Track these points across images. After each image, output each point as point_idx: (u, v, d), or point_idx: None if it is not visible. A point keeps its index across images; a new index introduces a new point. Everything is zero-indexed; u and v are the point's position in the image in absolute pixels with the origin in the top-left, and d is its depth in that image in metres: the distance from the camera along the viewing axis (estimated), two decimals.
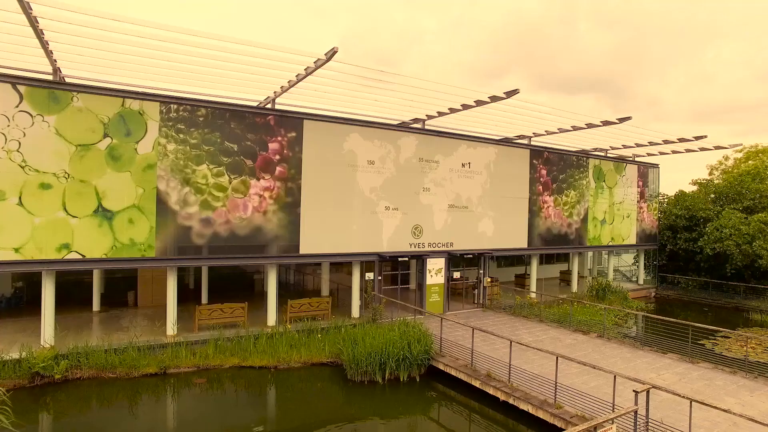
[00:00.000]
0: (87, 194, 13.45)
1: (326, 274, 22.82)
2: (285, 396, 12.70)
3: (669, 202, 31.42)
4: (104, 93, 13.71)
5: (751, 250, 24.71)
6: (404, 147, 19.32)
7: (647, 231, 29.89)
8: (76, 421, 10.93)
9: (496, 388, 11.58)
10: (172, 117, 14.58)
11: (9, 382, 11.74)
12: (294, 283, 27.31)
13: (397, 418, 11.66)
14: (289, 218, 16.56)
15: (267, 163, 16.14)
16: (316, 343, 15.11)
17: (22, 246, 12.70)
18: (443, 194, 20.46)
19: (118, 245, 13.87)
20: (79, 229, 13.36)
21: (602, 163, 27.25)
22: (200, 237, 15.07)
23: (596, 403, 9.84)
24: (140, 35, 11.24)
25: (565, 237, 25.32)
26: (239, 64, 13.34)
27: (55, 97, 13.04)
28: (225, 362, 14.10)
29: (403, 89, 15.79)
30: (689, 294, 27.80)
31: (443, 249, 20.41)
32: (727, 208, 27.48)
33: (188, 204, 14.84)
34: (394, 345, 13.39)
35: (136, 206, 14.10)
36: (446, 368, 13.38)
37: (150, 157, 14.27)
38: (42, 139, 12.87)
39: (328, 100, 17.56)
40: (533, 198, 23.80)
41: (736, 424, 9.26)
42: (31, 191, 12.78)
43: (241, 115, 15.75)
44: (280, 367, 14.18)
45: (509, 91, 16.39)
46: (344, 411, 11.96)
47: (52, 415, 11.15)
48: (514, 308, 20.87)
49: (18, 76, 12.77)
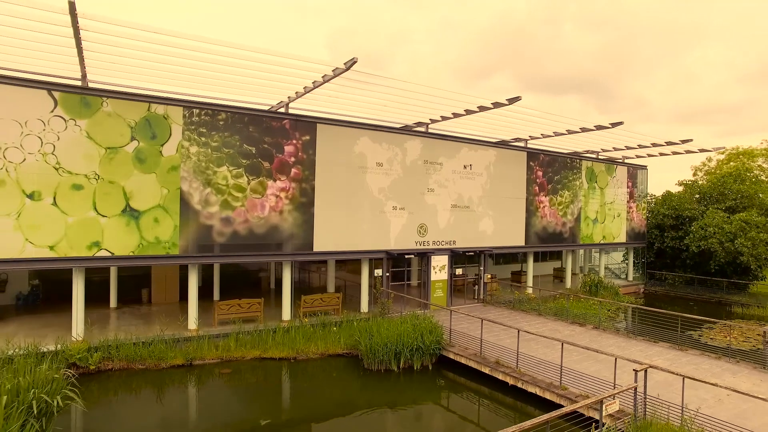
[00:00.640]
0: (115, 195, 14.14)
1: (332, 271, 23.63)
2: (307, 384, 13.54)
3: (657, 202, 32.86)
4: (131, 98, 14.40)
5: (733, 247, 26.17)
6: (410, 149, 20.26)
7: (636, 230, 31.27)
8: (123, 406, 11.64)
9: (505, 373, 12.58)
10: (194, 121, 15.31)
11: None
12: (298, 280, 28.06)
13: (415, 402, 12.59)
14: (303, 217, 17.39)
15: (283, 164, 16.95)
16: (331, 336, 15.95)
17: (56, 244, 13.35)
18: (446, 195, 21.45)
19: (144, 243, 14.57)
20: (108, 227, 14.04)
21: (594, 165, 28.52)
22: (221, 235, 15.83)
23: (598, 383, 10.89)
24: (165, 44, 11.84)
25: (560, 235, 26.52)
26: (259, 71, 14.05)
27: (86, 102, 13.70)
28: (246, 354, 14.88)
29: (409, 95, 16.63)
30: (676, 290, 29.23)
31: (447, 247, 21.41)
32: (710, 208, 28.97)
33: (209, 204, 15.59)
34: (408, 336, 14.33)
35: (161, 206, 14.81)
36: (457, 357, 14.35)
37: (174, 159, 14.99)
38: (74, 142, 13.52)
39: (339, 105, 18.39)
40: (530, 198, 24.92)
41: (721, 401, 10.36)
42: (65, 192, 13.43)
43: (258, 120, 16.53)
44: (299, 359, 15.01)
45: (512, 98, 17.40)
46: (364, 396, 12.84)
47: (99, 401, 11.79)
48: (513, 303, 21.95)
49: (53, 82, 13.39)
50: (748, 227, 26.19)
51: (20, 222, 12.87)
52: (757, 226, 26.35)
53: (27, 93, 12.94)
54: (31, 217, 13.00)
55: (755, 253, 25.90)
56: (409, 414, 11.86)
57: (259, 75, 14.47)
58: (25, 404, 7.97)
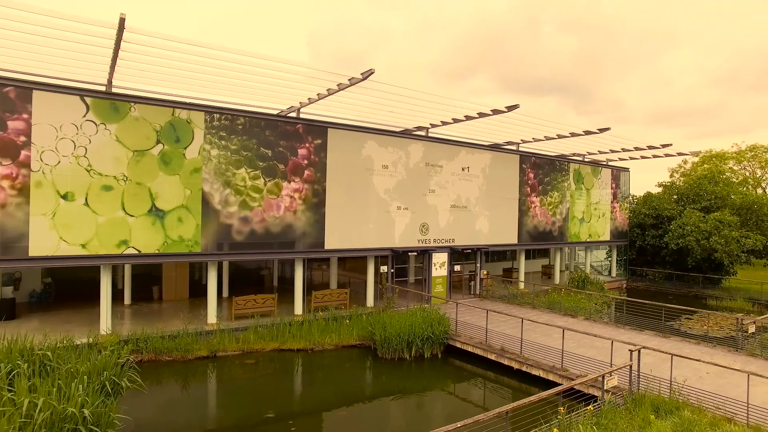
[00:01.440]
0: (142, 195, 14.87)
1: (335, 268, 24.58)
2: (326, 372, 14.54)
3: (638, 202, 34.77)
4: (157, 104, 15.15)
5: (708, 244, 28.11)
6: (413, 153, 21.39)
7: (619, 228, 33.09)
8: (171, 391, 12.46)
9: (510, 359, 13.83)
10: (215, 125, 16.13)
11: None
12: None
13: (428, 386, 13.72)
14: (315, 217, 18.35)
15: (296, 167, 17.88)
16: (344, 329, 16.96)
17: (87, 242, 14.03)
18: (446, 195, 22.67)
19: (168, 241, 15.34)
20: (135, 226, 14.77)
21: (581, 167, 30.15)
22: (239, 234, 16.68)
23: (595, 365, 12.21)
24: (188, 52, 12.52)
25: (550, 234, 28.04)
26: (277, 79, 14.82)
27: (115, 107, 14.41)
28: (266, 346, 15.79)
29: (412, 101, 17.65)
30: (656, 285, 31.11)
31: (446, 245, 22.62)
32: (688, 208, 30.93)
33: (229, 204, 16.42)
34: (419, 327, 15.46)
35: (184, 206, 15.59)
36: (463, 345, 15.55)
37: (196, 161, 15.79)
38: (104, 145, 14.22)
39: (345, 109, 19.34)
40: (522, 199, 26.34)
41: (701, 378, 11.78)
42: (96, 193, 14.12)
43: (274, 124, 17.42)
44: (316, 350, 15.98)
45: (510, 105, 18.67)
46: (380, 382, 13.93)
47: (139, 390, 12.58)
48: (509, 297, 23.30)
49: (85, 89, 14.07)
50: (722, 226, 28.17)
51: (55, 221, 13.53)
52: (730, 225, 28.36)
53: (62, 99, 13.60)
54: (65, 216, 13.67)
55: (728, 249, 27.89)
56: (425, 397, 13.00)
57: (277, 82, 15.28)
58: (100, 384, 8.80)
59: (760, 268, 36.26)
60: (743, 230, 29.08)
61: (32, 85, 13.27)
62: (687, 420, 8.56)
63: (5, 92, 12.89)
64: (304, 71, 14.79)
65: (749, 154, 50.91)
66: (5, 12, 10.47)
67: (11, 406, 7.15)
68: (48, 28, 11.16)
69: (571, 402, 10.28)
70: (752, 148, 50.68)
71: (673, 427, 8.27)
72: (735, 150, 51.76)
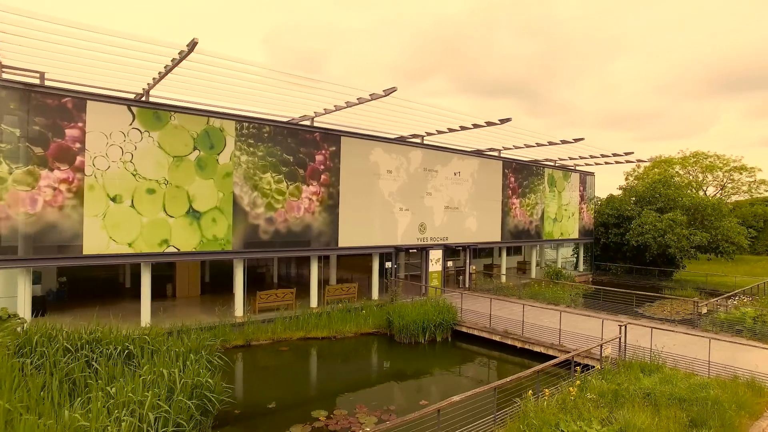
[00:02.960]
0: (180, 198, 16.08)
1: (334, 266, 26.25)
2: (352, 356, 16.32)
3: (602, 203, 38.43)
4: (194, 113, 16.39)
5: (663, 241, 31.87)
6: (413, 159, 23.44)
7: (586, 227, 36.56)
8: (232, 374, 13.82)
9: (514, 338, 16.15)
10: (244, 133, 17.51)
11: None
12: (297, 274, 30.29)
13: (443, 365, 15.79)
14: (330, 217, 20.02)
15: (314, 171, 19.49)
16: (360, 318, 18.76)
17: (133, 241, 15.13)
18: (441, 198, 24.87)
19: (204, 240, 16.61)
20: (175, 227, 15.96)
21: (554, 172, 33.25)
22: (265, 233, 18.12)
23: (587, 341, 14.67)
24: (218, 65, 13.84)
25: (528, 232, 30.88)
26: (298, 91, 16.28)
27: (158, 116, 15.56)
28: (293, 335, 17.35)
29: (412, 111, 19.52)
30: (618, 278, 34.71)
31: (441, 243, 24.83)
32: (645, 209, 34.73)
33: (256, 206, 17.84)
34: (431, 314, 17.52)
35: (217, 208, 16.90)
36: (469, 330, 17.76)
37: (228, 166, 17.12)
38: (148, 151, 15.36)
39: (356, 118, 21.08)
40: (505, 201, 28.99)
41: (672, 347, 14.48)
42: (140, 195, 15.23)
43: (294, 132, 18.97)
44: (338, 337, 17.70)
45: (503, 119, 21.06)
46: (400, 363, 15.85)
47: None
48: (494, 289, 25.80)
49: (132, 99, 15.15)
50: (675, 225, 32.01)
51: (105, 222, 14.57)
52: (681, 224, 32.25)
53: (111, 108, 14.65)
54: (114, 217, 14.72)
55: (680, 246, 31.74)
56: (446, 372, 15.07)
57: (298, 94, 16.72)
58: (205, 361, 10.25)
59: (704, 262, 40.87)
60: (691, 228, 33.10)
61: (86, 96, 14.27)
62: (667, 375, 11.06)
63: (63, 102, 13.84)
64: (328, 85, 16.43)
65: (692, 159, 56.53)
66: (64, 30, 11.43)
67: (153, 376, 8.54)
68: (97, 44, 12.12)
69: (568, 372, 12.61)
70: (695, 154, 56.28)
71: (658, 379, 10.71)
72: (681, 156, 57.32)
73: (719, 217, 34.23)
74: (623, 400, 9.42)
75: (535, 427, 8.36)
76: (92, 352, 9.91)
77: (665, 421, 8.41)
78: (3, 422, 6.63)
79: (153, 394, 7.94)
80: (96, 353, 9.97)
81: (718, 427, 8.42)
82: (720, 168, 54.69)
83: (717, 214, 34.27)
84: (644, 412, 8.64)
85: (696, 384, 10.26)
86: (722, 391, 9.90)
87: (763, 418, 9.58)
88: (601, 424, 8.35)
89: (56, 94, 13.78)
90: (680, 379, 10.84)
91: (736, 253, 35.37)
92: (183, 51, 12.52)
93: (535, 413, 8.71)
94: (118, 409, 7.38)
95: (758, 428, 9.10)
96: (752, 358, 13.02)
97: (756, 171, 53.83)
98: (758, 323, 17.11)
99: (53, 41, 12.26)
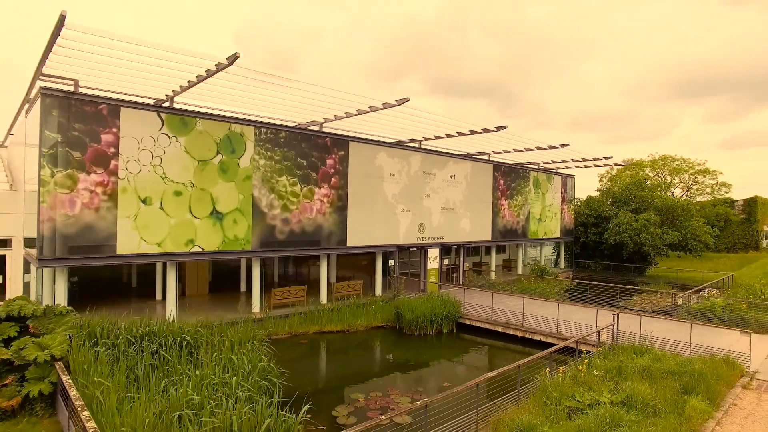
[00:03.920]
0: (205, 200, 16.92)
1: (333, 265, 27.36)
2: (367, 346, 17.54)
3: (581, 204, 40.79)
4: (217, 119, 17.25)
5: (639, 240, 34.31)
6: (413, 162, 24.80)
7: (567, 227, 38.79)
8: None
9: (515, 329, 17.71)
10: (262, 138, 18.46)
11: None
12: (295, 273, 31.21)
13: (451, 354, 17.21)
14: (339, 218, 21.15)
15: (325, 175, 20.58)
16: (370, 313, 19.97)
17: (162, 241, 15.90)
18: (438, 199, 26.32)
19: (226, 240, 17.49)
20: (200, 227, 16.80)
21: (539, 175, 35.25)
22: (281, 233, 19.11)
23: (582, 329, 16.35)
24: (240, 74, 14.78)
25: (515, 232, 32.73)
26: (311, 99, 17.15)
27: (184, 122, 16.37)
28: (309, 329, 18.42)
29: (412, 118, 20.74)
30: (597, 275, 37.01)
31: (438, 242, 26.29)
32: (622, 210, 37.19)
33: (273, 207, 18.82)
34: (438, 308, 18.91)
35: (238, 209, 17.80)
36: (472, 322, 19.24)
37: (248, 170, 18.04)
38: (176, 155, 16.15)
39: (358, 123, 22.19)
40: (495, 202, 30.71)
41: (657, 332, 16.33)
42: (169, 197, 16.01)
43: (307, 137, 20.01)
44: (351, 331, 18.88)
45: (499, 126, 22.65)
46: (411, 352, 17.16)
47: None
48: (486, 285, 27.44)
49: (161, 105, 15.91)
50: (649, 224, 34.51)
51: (136, 223, 15.30)
52: (654, 224, 34.79)
53: (143, 115, 15.40)
54: (144, 218, 15.47)
55: (653, 244, 34.25)
56: (456, 360, 16.50)
57: (310, 102, 17.65)
58: (262, 349, 11.31)
59: (674, 259, 43.85)
60: (664, 228, 35.71)
61: (120, 103, 14.98)
62: (656, 355, 12.76)
63: (99, 109, 14.52)
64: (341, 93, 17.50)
65: (661, 162, 60.08)
66: (99, 41, 12.11)
67: (227, 362, 9.54)
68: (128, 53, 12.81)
69: (566, 356, 14.20)
70: (663, 158, 59.84)
71: (649, 359, 12.39)
72: (650, 159, 60.81)
73: (688, 217, 37.01)
74: (625, 374, 11.01)
75: (555, 398, 9.82)
76: (151, 343, 10.80)
77: (662, 390, 10.01)
78: (115, 401, 7.57)
79: (238, 375, 8.99)
80: (154, 344, 10.87)
81: (704, 393, 10.11)
82: (686, 171, 58.38)
83: (686, 215, 37.04)
84: (643, 384, 10.24)
85: (682, 361, 11.99)
86: (704, 365, 11.64)
87: (736, 387, 11.38)
88: (611, 393, 9.89)
89: (93, 101, 14.45)
90: (668, 358, 12.57)
91: (703, 250, 38.28)
92: (221, 63, 13.44)
93: (553, 387, 10.19)
94: (207, 388, 8.40)
95: (733, 394, 10.88)
96: (723, 340, 14.96)
97: (718, 174, 57.81)
98: (726, 311, 19.27)
99: (89, 50, 12.98)
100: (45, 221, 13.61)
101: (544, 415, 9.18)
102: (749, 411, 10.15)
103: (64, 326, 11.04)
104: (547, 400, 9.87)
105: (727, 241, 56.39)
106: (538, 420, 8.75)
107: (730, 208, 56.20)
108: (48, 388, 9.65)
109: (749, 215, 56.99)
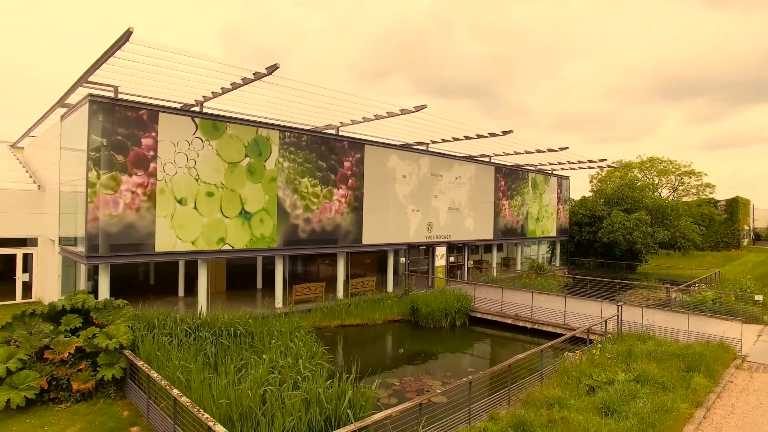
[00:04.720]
0: (234, 200, 17.84)
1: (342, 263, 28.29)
2: (388, 338, 18.63)
3: (576, 204, 42.41)
4: (245, 123, 18.18)
5: (631, 238, 35.98)
6: (422, 165, 25.96)
7: (562, 226, 40.34)
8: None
9: (525, 321, 18.97)
10: (286, 142, 19.43)
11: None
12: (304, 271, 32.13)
13: (465, 345, 18.40)
14: (355, 218, 22.20)
15: (343, 176, 21.62)
16: (386, 308, 21.05)
17: (195, 240, 16.78)
18: (445, 200, 27.53)
19: (254, 239, 18.42)
20: (230, 227, 17.71)
21: (536, 176, 36.71)
22: (303, 232, 20.10)
23: (587, 320, 17.67)
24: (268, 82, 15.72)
25: (515, 231, 34.12)
26: (329, 105, 18.09)
27: (215, 126, 17.27)
28: (330, 323, 19.45)
29: (422, 122, 21.88)
30: (591, 272, 38.65)
31: (445, 240, 27.49)
32: (614, 210, 38.87)
33: (296, 207, 19.80)
34: (452, 302, 20.10)
35: (264, 209, 18.74)
36: (484, 315, 20.47)
37: (273, 172, 18.99)
38: (208, 158, 17.04)
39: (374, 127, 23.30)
40: (496, 202, 32.03)
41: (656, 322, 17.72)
42: (202, 198, 16.90)
43: (327, 141, 21.03)
44: (369, 324, 19.96)
45: (506, 130, 23.94)
46: (426, 343, 18.32)
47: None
48: (490, 281, 28.73)
49: (194, 111, 16.79)
50: (640, 224, 36.20)
51: (173, 222, 16.17)
52: (645, 223, 36.50)
53: (179, 119, 16.27)
54: (180, 218, 16.34)
55: (645, 242, 35.96)
56: (473, 350, 17.69)
57: (330, 107, 18.62)
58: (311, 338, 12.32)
59: (663, 256, 45.77)
60: (654, 227, 37.46)
61: (159, 108, 15.84)
62: (658, 341, 14.10)
63: (140, 114, 15.37)
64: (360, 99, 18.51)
65: (649, 164, 62.23)
66: (141, 50, 12.92)
67: (284, 348, 10.55)
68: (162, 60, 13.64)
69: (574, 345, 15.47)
70: (651, 159, 62.00)
71: (653, 344, 13.71)
72: (639, 161, 62.94)
73: (677, 216, 38.84)
74: (634, 357, 12.30)
75: (575, 378, 11.05)
76: (207, 333, 11.74)
77: (668, 369, 11.31)
78: (199, 383, 8.54)
79: (303, 359, 10.03)
80: (209, 334, 11.82)
81: (705, 371, 11.44)
82: (673, 172, 60.62)
83: (675, 214, 38.87)
84: (651, 364, 11.53)
85: (682, 346, 13.34)
86: (703, 349, 12.99)
87: (731, 367, 12.77)
88: (624, 373, 11.15)
89: (135, 107, 15.30)
90: (670, 344, 13.91)
91: (691, 248, 40.17)
92: (259, 72, 14.41)
93: (573, 368, 11.42)
94: (275, 371, 9.42)
95: (729, 373, 12.26)
96: (716, 328, 16.41)
97: (702, 175, 60.18)
98: (716, 304, 20.81)
99: (131, 59, 13.81)
100: (91, 221, 14.43)
101: (567, 390, 10.39)
102: (743, 386, 11.52)
103: (122, 318, 11.92)
104: (567, 379, 11.10)
105: (711, 240, 58.69)
106: (564, 395, 9.95)
107: (714, 208, 58.51)
108: (119, 372, 10.57)
109: (731, 215, 59.44)
